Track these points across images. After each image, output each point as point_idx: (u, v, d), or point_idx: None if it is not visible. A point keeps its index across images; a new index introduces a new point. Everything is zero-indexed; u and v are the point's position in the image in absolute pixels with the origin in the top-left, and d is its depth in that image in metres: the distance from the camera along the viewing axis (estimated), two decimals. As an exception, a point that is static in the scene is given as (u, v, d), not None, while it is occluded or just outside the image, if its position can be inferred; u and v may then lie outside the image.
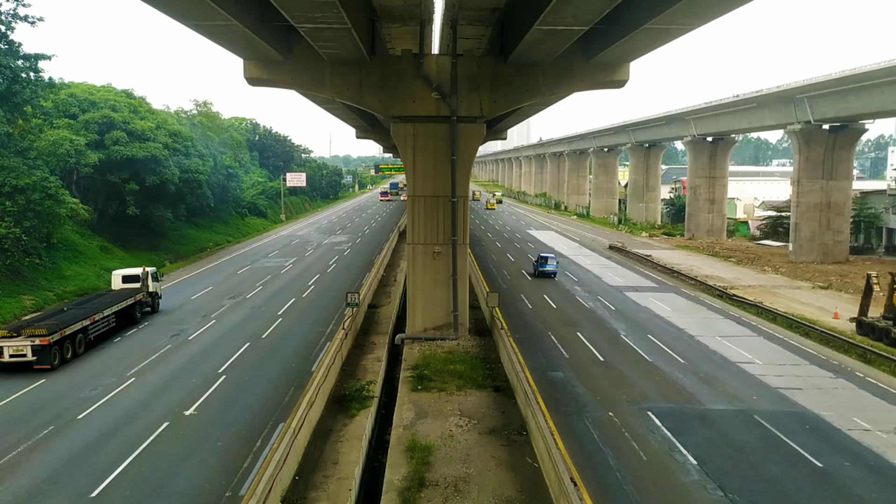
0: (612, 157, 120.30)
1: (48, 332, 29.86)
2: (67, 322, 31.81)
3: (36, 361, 29.56)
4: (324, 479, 20.22)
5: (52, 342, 29.85)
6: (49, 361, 29.88)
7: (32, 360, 29.48)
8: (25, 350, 29.43)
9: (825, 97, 59.59)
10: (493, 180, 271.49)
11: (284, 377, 29.25)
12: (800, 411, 25.50)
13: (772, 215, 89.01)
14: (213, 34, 26.39)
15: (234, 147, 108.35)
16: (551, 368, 30.76)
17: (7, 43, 45.07)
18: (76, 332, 32.14)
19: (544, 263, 54.75)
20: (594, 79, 33.08)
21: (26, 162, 47.00)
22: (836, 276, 55.86)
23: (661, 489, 19.38)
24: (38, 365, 29.63)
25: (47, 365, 29.83)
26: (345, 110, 55.94)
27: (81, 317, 33.16)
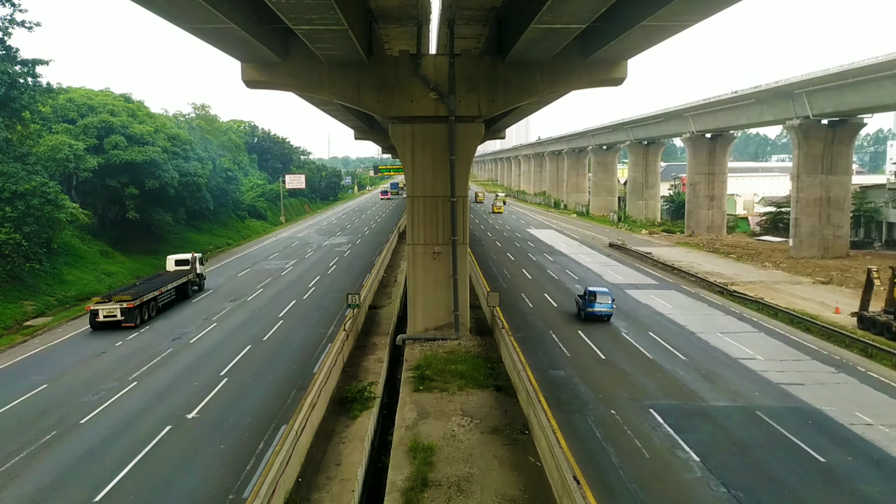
0: (611, 155, 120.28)
1: (132, 298, 39.09)
2: (144, 291, 41.02)
3: (124, 320, 38.57)
4: (327, 480, 20.23)
5: (135, 306, 38.83)
6: (133, 320, 38.80)
7: (121, 319, 38.55)
8: (116, 311, 38.54)
9: (823, 92, 59.58)
10: (492, 180, 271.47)
11: (286, 379, 29.25)
12: (802, 407, 25.51)
13: (772, 211, 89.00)
14: (211, 37, 26.38)
15: (232, 150, 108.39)
16: (553, 367, 30.76)
17: (4, 48, 45.06)
18: (149, 300, 41.15)
19: (593, 301, 38.42)
20: (592, 77, 33.08)
21: (26, 167, 46.99)
22: (836, 270, 55.86)
23: (664, 486, 19.39)
24: (126, 323, 38.61)
25: (132, 323, 38.75)
26: (343, 111, 55.92)
27: (152, 289, 42.20)
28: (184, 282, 47.30)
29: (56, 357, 33.66)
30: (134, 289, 42.03)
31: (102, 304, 38.80)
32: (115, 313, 38.54)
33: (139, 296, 39.84)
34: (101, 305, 38.75)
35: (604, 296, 38.94)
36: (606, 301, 38.54)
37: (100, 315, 38.53)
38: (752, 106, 71.50)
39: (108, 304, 38.72)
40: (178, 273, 48.06)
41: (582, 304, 39.51)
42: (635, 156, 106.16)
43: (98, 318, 38.50)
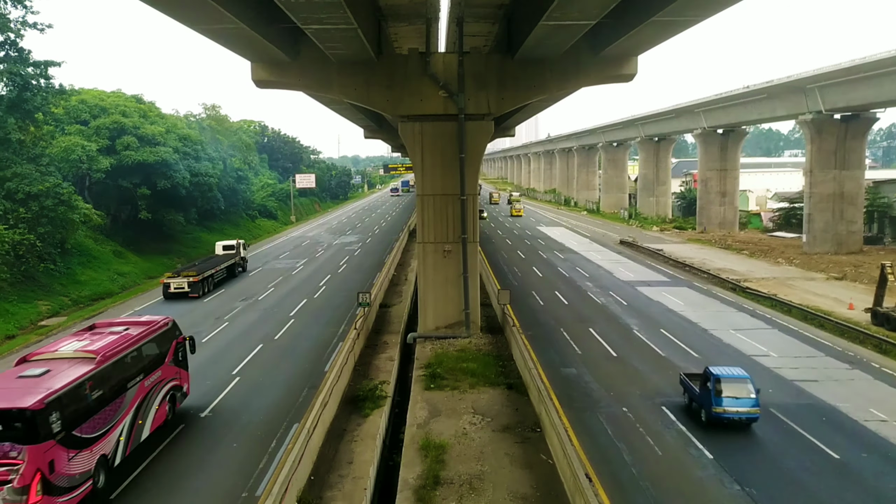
0: (621, 152, 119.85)
1: (197, 273, 47.52)
2: (205, 269, 49.52)
3: (190, 292, 46.35)
4: (339, 478, 20.28)
5: (199, 280, 46.99)
6: (197, 292, 46.83)
7: (188, 291, 46.37)
8: (184, 285, 46.41)
9: (836, 86, 59.12)
10: (502, 178, 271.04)
11: (298, 378, 29.36)
12: (816, 403, 25.36)
13: (784, 207, 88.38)
14: (221, 38, 26.47)
15: (243, 150, 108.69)
16: (564, 365, 30.71)
17: (17, 50, 45.45)
18: (208, 277, 49.29)
19: (721, 396, 23.00)
20: (602, 73, 32.96)
21: (39, 168, 47.40)
22: (850, 266, 55.45)
23: (677, 484, 19.33)
24: (192, 294, 46.41)
25: (196, 294, 46.71)
26: (353, 111, 55.98)
27: (209, 268, 50.63)
28: (232, 263, 56.01)
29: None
30: (196, 266, 50.82)
31: (173, 279, 47.11)
32: (183, 286, 46.43)
33: (202, 272, 48.36)
34: (172, 279, 47.09)
35: (739, 383, 23.15)
36: (745, 393, 23.01)
37: (171, 287, 46.57)
38: (764, 101, 71.02)
39: (178, 279, 46.85)
40: (227, 256, 56.41)
41: (700, 397, 23.77)
42: (646, 152, 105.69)
43: (170, 290, 46.55)
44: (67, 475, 17.65)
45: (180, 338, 25.86)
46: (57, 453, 17.30)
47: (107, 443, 19.74)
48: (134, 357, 22.14)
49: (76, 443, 18.17)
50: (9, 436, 16.63)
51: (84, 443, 18.54)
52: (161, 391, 23.64)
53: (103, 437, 19.56)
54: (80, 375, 18.92)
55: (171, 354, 24.84)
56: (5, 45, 45.25)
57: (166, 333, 24.91)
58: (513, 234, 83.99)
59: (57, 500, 17.18)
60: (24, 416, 16.69)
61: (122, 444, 20.69)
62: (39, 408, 16.88)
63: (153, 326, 24.26)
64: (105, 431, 19.68)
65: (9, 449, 16.53)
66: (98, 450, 19.18)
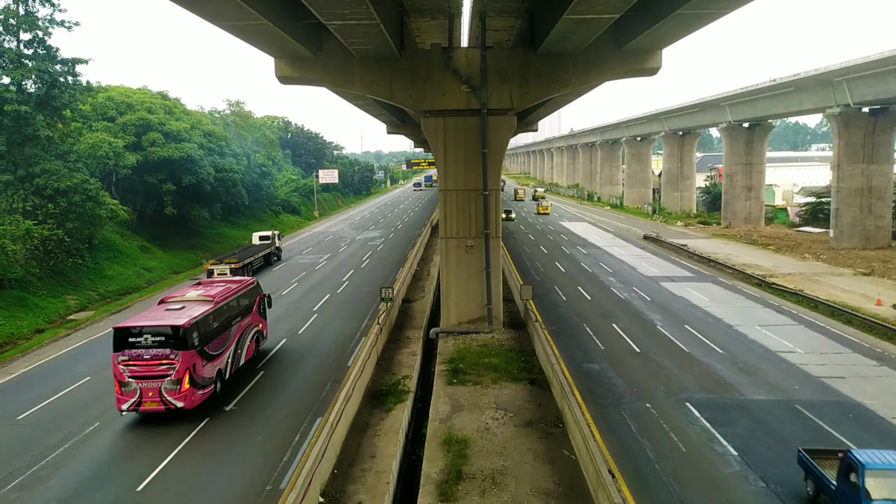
0: (645, 146, 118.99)
1: (238, 261, 50.60)
2: (245, 257, 52.72)
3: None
4: (362, 472, 20.40)
5: (239, 266, 49.96)
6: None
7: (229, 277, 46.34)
8: (226, 271, 48.64)
9: (864, 79, 58.19)
10: (525, 173, 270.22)
11: (321, 372, 29.55)
12: (843, 400, 25.05)
13: (811, 201, 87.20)
14: (245, 34, 26.66)
15: (266, 145, 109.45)
16: (587, 360, 30.61)
17: (45, 48, 46.10)
18: (248, 264, 52.16)
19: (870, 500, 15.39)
20: (626, 67, 32.72)
21: (67, 165, 48.11)
22: (878, 262, 54.64)
23: (701, 481, 19.20)
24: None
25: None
26: (375, 106, 56.12)
27: (249, 256, 53.98)
28: (268, 251, 59.83)
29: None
30: (237, 254, 54.13)
31: (216, 265, 50.03)
32: (225, 272, 48.68)
33: (242, 259, 51.49)
34: (215, 266, 49.88)
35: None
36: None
37: (214, 273, 48.65)
38: (790, 94, 70.12)
39: (220, 265, 49.92)
40: (263, 245, 60.15)
41: (838, 493, 16.80)
42: (670, 147, 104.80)
43: (213, 276, 47.44)
44: (202, 377, 24.96)
45: (262, 294, 33.19)
46: (197, 360, 24.58)
47: (222, 361, 26.97)
48: (234, 304, 29.34)
49: (206, 356, 25.43)
50: (168, 344, 23.81)
51: (210, 357, 25.81)
52: (251, 332, 30.95)
53: (220, 356, 26.78)
54: (205, 311, 26.05)
55: (256, 306, 32.17)
56: (34, 43, 45.95)
57: (253, 290, 32.22)
58: (535, 230, 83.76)
59: (196, 392, 24.44)
60: (179, 331, 23.92)
61: (229, 365, 27.86)
62: (188, 326, 24.16)
63: (244, 284, 31.93)
64: (221, 352, 26.90)
65: (169, 353, 23.75)
66: (217, 364, 26.38)
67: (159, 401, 23.72)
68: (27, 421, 24.98)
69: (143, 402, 23.70)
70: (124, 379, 23.74)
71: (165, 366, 23.72)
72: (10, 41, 45.66)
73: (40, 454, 21.76)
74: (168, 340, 23.90)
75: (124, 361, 23.85)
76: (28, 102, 44.55)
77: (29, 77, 45.35)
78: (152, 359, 23.81)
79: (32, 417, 25.29)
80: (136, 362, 23.78)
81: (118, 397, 23.82)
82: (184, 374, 23.80)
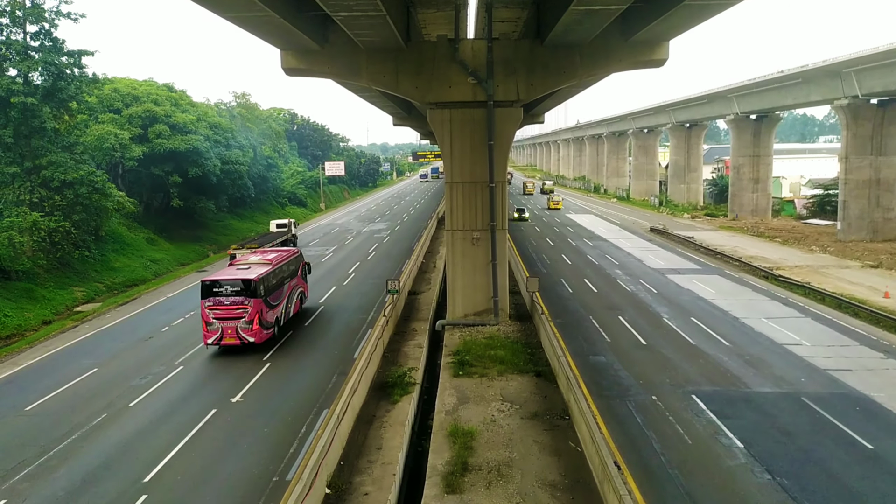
0: (651, 138, 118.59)
1: (259, 246, 51.92)
2: (264, 243, 54.87)
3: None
4: (368, 464, 20.47)
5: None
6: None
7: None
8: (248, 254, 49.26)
9: (873, 71, 57.82)
10: (531, 164, 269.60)
11: (327, 364, 29.63)
12: (849, 393, 24.99)
13: (818, 193, 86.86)
14: (251, 25, 26.62)
15: (272, 137, 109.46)
16: (593, 353, 30.61)
17: (51, 40, 46.14)
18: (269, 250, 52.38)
19: None
20: (633, 58, 32.57)
21: (73, 157, 48.23)
22: (886, 254, 54.40)
23: (706, 473, 19.20)
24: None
25: None
26: (381, 98, 56.03)
27: (267, 242, 55.86)
28: (285, 238, 62.03)
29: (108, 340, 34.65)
30: (257, 240, 57.49)
31: (238, 250, 52.87)
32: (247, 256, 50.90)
33: (262, 245, 53.60)
34: (237, 251, 52.71)
35: None
36: None
37: (237, 257, 50.78)
38: (798, 86, 69.75)
39: (242, 250, 51.80)
40: (280, 233, 63.58)
41: None
42: (677, 139, 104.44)
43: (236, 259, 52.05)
44: (267, 320, 32.08)
45: (304, 262, 40.60)
46: (263, 307, 31.49)
47: (279, 310, 34.05)
48: (285, 267, 36.04)
49: (269, 305, 32.35)
50: (243, 293, 30.77)
51: (271, 305, 32.79)
52: (297, 291, 38.03)
53: (277, 306, 33.83)
54: (267, 270, 32.91)
55: (300, 270, 39.22)
56: (40, 35, 45.98)
57: (298, 258, 39.46)
58: (542, 222, 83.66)
59: (263, 331, 31.59)
60: (251, 284, 30.95)
61: (282, 314, 34.81)
62: (257, 280, 31.22)
63: (291, 252, 39.34)
64: (278, 304, 33.93)
65: (243, 300, 30.69)
66: (275, 312, 33.48)
67: (236, 337, 30.93)
68: (35, 412, 25.13)
69: (224, 338, 30.95)
70: (209, 320, 30.91)
71: (241, 310, 30.76)
72: (17, 33, 45.72)
73: (48, 445, 21.89)
74: (243, 290, 30.86)
75: (209, 306, 30.87)
76: (35, 94, 44.61)
77: (35, 69, 45.41)
78: (231, 304, 30.82)
79: (40, 408, 25.44)
80: (218, 307, 30.83)
81: (204, 334, 31.05)
82: (254, 316, 30.95)
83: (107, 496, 18.55)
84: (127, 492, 18.69)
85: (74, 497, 18.60)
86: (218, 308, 30.72)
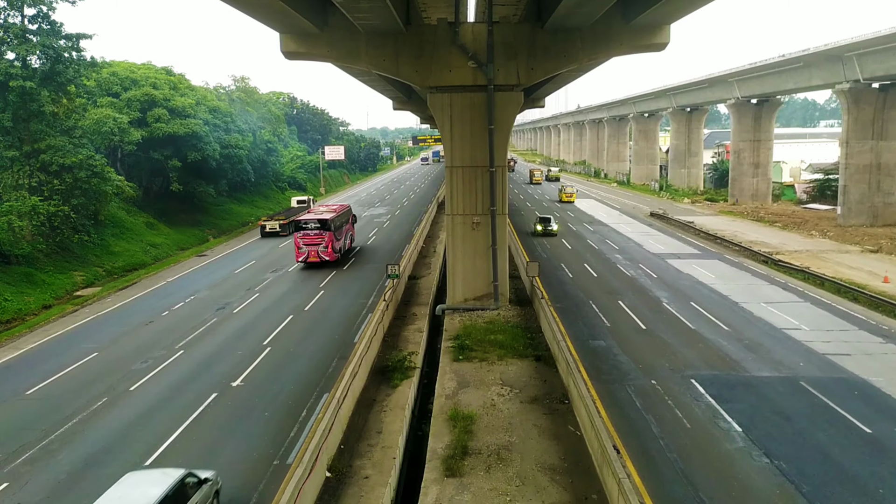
0: (652, 123, 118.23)
1: (286, 218, 65.05)
2: (290, 215, 65.68)
3: (280, 231, 63.90)
4: (368, 447, 20.56)
5: (286, 222, 63.94)
6: (286, 231, 63.04)
7: (279, 230, 63.90)
8: (276, 226, 64.28)
9: (875, 55, 57.55)
10: (531, 149, 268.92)
11: (328, 348, 29.70)
12: (848, 377, 25.07)
13: (819, 178, 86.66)
14: (249, 8, 26.46)
15: (272, 122, 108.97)
16: (592, 337, 30.67)
17: (49, 23, 45.81)
18: (291, 220, 61.89)
19: None
20: (634, 42, 32.37)
21: (72, 141, 48.01)
22: (886, 239, 54.41)
23: (705, 457, 19.30)
24: (282, 233, 63.61)
25: (285, 233, 63.12)
26: (381, 82, 55.79)
27: (291, 215, 65.65)
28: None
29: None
30: (283, 214, 69.73)
31: (267, 222, 64.85)
32: (275, 227, 63.99)
33: (288, 217, 65.39)
34: (266, 222, 64.94)
35: None
36: None
37: (266, 228, 64.49)
38: (799, 70, 69.45)
39: (271, 222, 64.89)
40: (301, 207, 73.07)
41: None
42: (678, 123, 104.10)
43: (266, 230, 64.34)
44: (335, 247, 47.76)
45: (353, 214, 56.16)
46: (332, 237, 47.08)
47: (341, 242, 49.92)
48: (342, 215, 51.46)
49: (336, 237, 48.06)
50: (320, 228, 46.76)
51: (337, 238, 48.35)
52: (349, 233, 53.90)
53: (340, 240, 49.58)
54: (333, 215, 48.71)
55: (351, 219, 55.11)
56: (38, 18, 45.64)
57: (349, 210, 54.95)
58: (542, 206, 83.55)
59: (333, 254, 47.41)
60: (326, 222, 46.89)
61: (343, 245, 51.01)
62: (329, 219, 47.25)
63: (345, 207, 55.00)
64: (340, 238, 49.69)
65: (321, 232, 46.67)
66: (339, 244, 49.06)
67: (317, 256, 47.07)
68: (36, 396, 25.21)
69: (309, 257, 47.16)
70: (300, 245, 47.22)
71: (319, 239, 46.97)
72: (15, 16, 45.37)
73: (49, 429, 21.98)
74: (320, 226, 47.16)
75: (300, 236, 47.31)
76: (33, 78, 44.36)
77: (34, 52, 45.10)
78: (313, 234, 47.06)
79: (41, 392, 25.52)
80: (306, 237, 47.11)
81: (296, 254, 47.64)
82: (329, 243, 47.14)
83: (108, 480, 18.57)
84: (128, 475, 18.76)
85: (76, 480, 18.71)
86: (305, 237, 47.03)
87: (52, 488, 18.39)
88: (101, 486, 18.20)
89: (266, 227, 64.04)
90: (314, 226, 46.76)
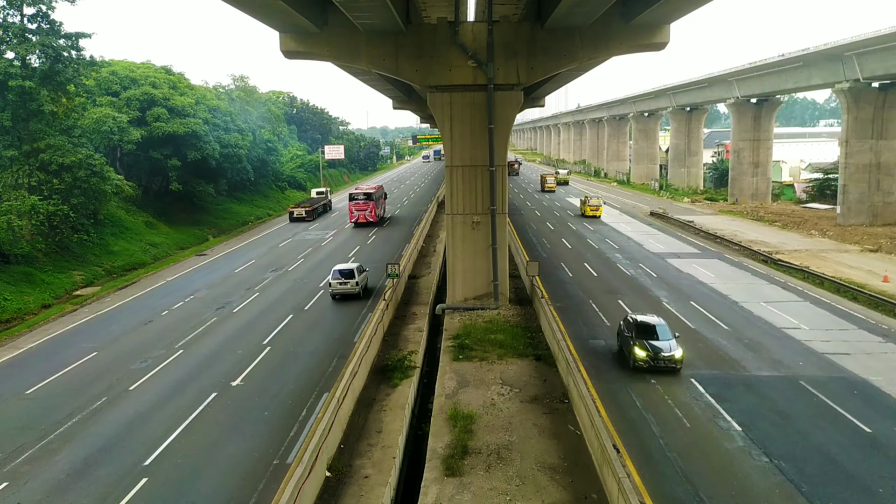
0: (652, 122, 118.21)
1: (311, 206, 76.10)
2: (314, 204, 77.94)
3: (305, 217, 74.10)
4: (368, 447, 20.55)
5: (311, 209, 75.43)
6: (312, 217, 74.84)
7: (305, 216, 74.24)
8: (303, 213, 74.59)
9: (874, 54, 57.55)
10: (531, 148, 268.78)
11: (327, 348, 29.69)
12: (847, 377, 25.07)
13: (818, 177, 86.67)
14: (249, 7, 26.45)
15: (272, 121, 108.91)
16: (592, 336, 30.66)
17: (49, 22, 45.79)
18: (316, 208, 76.98)
19: None
20: (634, 41, 32.37)
21: (71, 140, 48.01)
22: (885, 238, 54.41)
23: (705, 456, 19.29)
24: (307, 219, 73.97)
25: (311, 219, 74.26)
26: (381, 81, 55.78)
27: (315, 203, 78.35)
28: (325, 202, 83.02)
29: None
30: (308, 202, 79.62)
31: (295, 209, 75.57)
32: (302, 214, 74.40)
33: (313, 205, 76.88)
34: (294, 209, 75.57)
35: None
36: None
37: (294, 214, 74.99)
38: (799, 69, 69.46)
39: (298, 209, 75.21)
40: (320, 198, 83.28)
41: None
42: (678, 122, 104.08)
43: (293, 216, 74.76)
44: (378, 214, 69.96)
45: (385, 192, 77.21)
46: (375, 206, 68.76)
47: (380, 209, 71.12)
48: (379, 192, 72.80)
49: (377, 206, 69.96)
50: (367, 199, 68.26)
51: (378, 207, 70.28)
52: (383, 205, 74.74)
53: (380, 208, 71.32)
54: (375, 189, 72.48)
55: (384, 196, 76.38)
56: (38, 17, 45.62)
57: (383, 189, 76.50)
58: (542, 206, 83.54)
59: (376, 217, 68.75)
60: (371, 194, 69.53)
61: (381, 213, 72.42)
62: (374, 191, 70.97)
63: (379, 186, 77.21)
64: (380, 208, 71.20)
65: (367, 201, 68.00)
66: (379, 211, 70.64)
67: (364, 218, 66.65)
68: (35, 395, 25.21)
69: (359, 220, 66.70)
70: (352, 211, 67.32)
71: (366, 206, 67.03)
72: (14, 15, 45.35)
73: (49, 428, 21.98)
74: (367, 197, 67.49)
75: (351, 204, 67.52)
76: (32, 77, 44.34)
77: (33, 52, 45.08)
78: (362, 203, 67.18)
79: (41, 392, 25.52)
80: (356, 204, 67.25)
81: (350, 217, 67.76)
82: (374, 210, 67.41)
83: (107, 479, 18.65)
84: (127, 475, 18.79)
85: (75, 480, 18.71)
86: (357, 205, 66.97)
87: (52, 488, 18.38)
88: (101, 486, 18.29)
89: (294, 213, 74.91)
90: (362, 198, 67.24)
